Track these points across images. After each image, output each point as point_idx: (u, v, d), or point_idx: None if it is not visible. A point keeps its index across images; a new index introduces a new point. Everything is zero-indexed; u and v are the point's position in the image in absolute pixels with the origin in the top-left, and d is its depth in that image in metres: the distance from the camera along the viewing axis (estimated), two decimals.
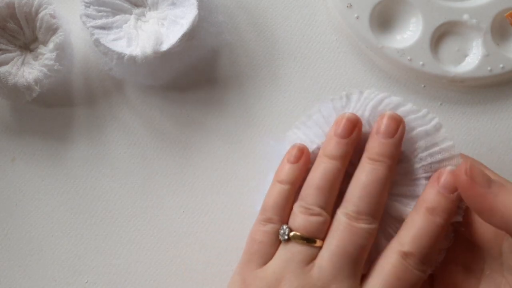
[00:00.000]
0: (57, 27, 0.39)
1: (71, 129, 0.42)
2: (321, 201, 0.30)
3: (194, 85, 0.42)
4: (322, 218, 0.30)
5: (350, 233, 0.29)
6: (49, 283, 0.40)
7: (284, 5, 0.42)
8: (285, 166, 0.32)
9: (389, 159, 0.30)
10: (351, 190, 0.30)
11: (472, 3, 0.40)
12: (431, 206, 0.29)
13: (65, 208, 0.41)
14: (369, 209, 0.29)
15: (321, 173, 0.30)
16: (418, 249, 0.29)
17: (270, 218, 0.31)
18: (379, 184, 0.29)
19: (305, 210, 0.30)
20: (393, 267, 0.28)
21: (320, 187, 0.30)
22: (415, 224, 0.29)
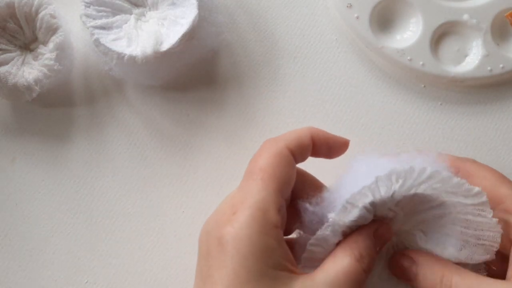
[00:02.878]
0: (57, 27, 0.39)
1: (71, 129, 0.42)
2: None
3: (194, 85, 0.42)
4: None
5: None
6: (49, 283, 0.40)
7: (284, 5, 0.42)
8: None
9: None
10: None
11: (472, 3, 0.40)
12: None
13: (65, 208, 0.41)
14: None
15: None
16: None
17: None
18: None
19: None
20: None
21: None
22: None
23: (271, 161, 0.29)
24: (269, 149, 0.30)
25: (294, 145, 0.30)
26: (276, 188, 0.28)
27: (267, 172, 0.29)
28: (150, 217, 0.40)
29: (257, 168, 0.29)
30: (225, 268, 0.26)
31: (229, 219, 0.27)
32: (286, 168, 0.29)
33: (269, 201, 0.28)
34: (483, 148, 0.40)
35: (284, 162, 0.29)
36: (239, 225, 0.27)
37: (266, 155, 0.29)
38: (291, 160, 0.30)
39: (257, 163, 0.29)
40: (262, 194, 0.28)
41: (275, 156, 0.29)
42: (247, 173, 0.29)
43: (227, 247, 0.27)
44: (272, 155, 0.29)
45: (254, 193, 0.28)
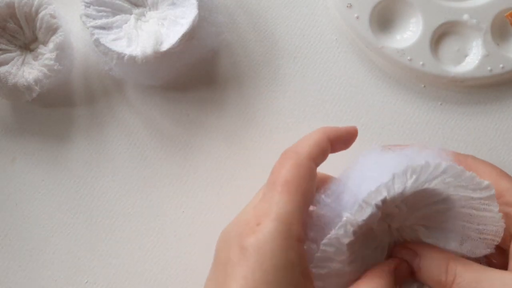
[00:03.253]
0: (57, 27, 0.39)
1: (71, 129, 0.42)
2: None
3: (194, 85, 0.42)
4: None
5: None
6: (49, 283, 0.40)
7: (284, 5, 0.42)
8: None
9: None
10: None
11: (472, 3, 0.40)
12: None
13: (65, 208, 0.41)
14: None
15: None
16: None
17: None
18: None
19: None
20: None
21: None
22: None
23: (295, 173, 0.29)
24: (292, 160, 0.29)
25: (317, 154, 0.30)
26: (301, 201, 0.28)
27: (292, 184, 0.28)
28: (150, 217, 0.40)
29: (282, 179, 0.29)
30: (245, 280, 0.26)
31: (253, 229, 0.27)
32: (310, 180, 0.29)
33: (294, 215, 0.28)
34: (483, 148, 0.40)
35: (308, 174, 0.29)
36: (263, 237, 0.27)
37: (289, 167, 0.29)
38: (314, 172, 0.30)
39: (281, 174, 0.29)
40: (288, 207, 0.28)
41: (299, 168, 0.29)
42: (271, 184, 0.29)
43: (249, 258, 0.26)
44: (296, 167, 0.29)
45: (280, 205, 0.28)
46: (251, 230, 0.27)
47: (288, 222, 0.27)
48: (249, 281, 0.26)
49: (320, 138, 0.31)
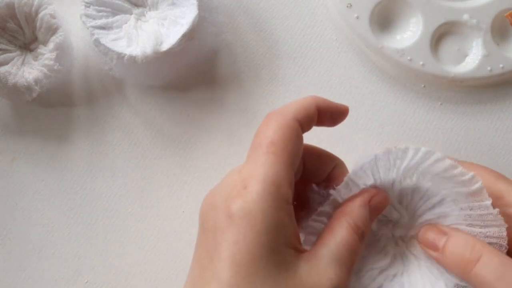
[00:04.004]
0: (57, 27, 0.39)
1: (71, 129, 0.42)
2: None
3: (194, 85, 0.42)
4: None
5: None
6: (49, 283, 0.40)
7: (284, 5, 0.42)
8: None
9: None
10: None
11: (472, 3, 0.40)
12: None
13: (65, 208, 0.41)
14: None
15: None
16: None
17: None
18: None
19: None
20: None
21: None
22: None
23: (281, 134, 0.28)
24: (277, 122, 0.28)
25: (302, 117, 0.29)
26: (288, 163, 0.28)
27: (278, 146, 0.28)
28: (150, 217, 0.40)
29: (267, 141, 0.28)
30: (237, 245, 0.25)
31: (240, 193, 0.26)
32: (296, 141, 0.29)
33: (283, 176, 0.27)
34: (483, 148, 0.40)
35: (295, 136, 0.28)
36: (252, 199, 0.26)
37: (275, 128, 0.28)
38: (300, 133, 0.29)
39: (266, 135, 0.28)
40: (275, 168, 0.27)
41: (285, 128, 0.28)
42: (256, 146, 0.28)
43: (239, 222, 0.25)
44: (281, 127, 0.28)
45: (266, 167, 0.27)
46: (238, 193, 0.26)
47: (276, 183, 0.26)
48: (241, 246, 0.25)
49: (308, 103, 0.30)
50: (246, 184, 0.26)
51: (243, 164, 0.29)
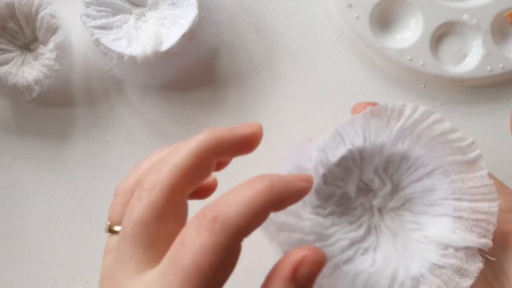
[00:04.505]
0: (57, 27, 0.39)
1: (71, 129, 0.42)
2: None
3: (194, 85, 0.42)
4: None
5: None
6: (49, 283, 0.40)
7: (284, 5, 0.42)
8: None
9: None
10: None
11: (472, 3, 0.40)
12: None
13: (65, 208, 0.41)
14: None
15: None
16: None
17: None
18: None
19: None
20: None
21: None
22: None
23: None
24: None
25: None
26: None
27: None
28: None
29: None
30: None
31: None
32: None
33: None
34: (483, 148, 0.40)
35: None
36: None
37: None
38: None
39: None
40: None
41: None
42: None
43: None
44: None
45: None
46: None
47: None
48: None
49: (259, 203, 0.23)
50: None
51: (152, 277, 0.23)
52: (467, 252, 0.28)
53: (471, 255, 0.28)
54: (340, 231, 0.30)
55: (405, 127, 0.29)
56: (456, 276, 0.28)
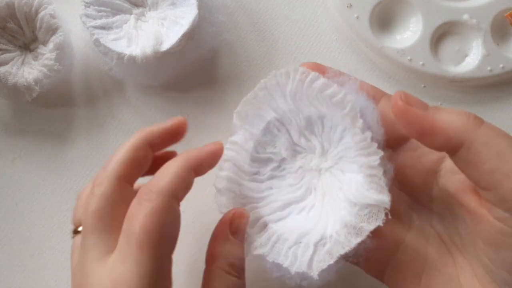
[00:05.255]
0: (57, 27, 0.39)
1: (71, 129, 0.42)
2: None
3: (194, 85, 0.42)
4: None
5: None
6: (49, 283, 0.40)
7: (284, 5, 0.42)
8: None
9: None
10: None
11: (472, 3, 0.40)
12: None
13: (65, 208, 0.41)
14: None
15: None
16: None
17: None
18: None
19: None
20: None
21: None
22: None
23: (155, 220, 0.27)
24: (150, 204, 0.27)
25: (179, 190, 0.29)
26: (165, 253, 0.28)
27: (154, 236, 0.27)
28: None
29: (140, 231, 0.26)
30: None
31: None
32: (174, 225, 0.29)
33: (160, 274, 0.27)
34: None
35: (171, 219, 0.29)
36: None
37: (148, 213, 0.27)
38: (177, 212, 0.29)
39: (138, 223, 0.27)
40: (151, 266, 0.26)
41: (160, 213, 0.27)
42: (127, 236, 0.27)
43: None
44: (156, 212, 0.27)
45: (142, 266, 0.26)
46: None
47: (153, 285, 0.25)
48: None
49: (181, 169, 0.28)
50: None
51: (113, 258, 0.26)
52: (371, 210, 0.29)
53: (375, 213, 0.29)
54: (277, 194, 0.32)
55: (295, 90, 0.30)
56: (351, 235, 0.29)
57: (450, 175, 0.30)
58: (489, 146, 0.25)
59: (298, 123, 0.31)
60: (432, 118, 0.27)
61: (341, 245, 0.29)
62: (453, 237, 0.30)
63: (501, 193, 0.25)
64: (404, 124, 0.27)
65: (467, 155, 0.26)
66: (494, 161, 0.25)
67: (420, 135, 0.27)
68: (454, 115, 0.26)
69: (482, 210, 0.27)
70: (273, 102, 0.31)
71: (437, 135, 0.26)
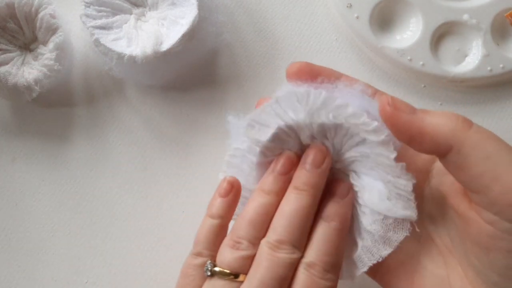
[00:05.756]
0: (57, 27, 0.39)
1: (71, 129, 0.42)
2: (251, 235, 0.29)
3: (194, 85, 0.42)
4: (249, 253, 0.29)
5: (270, 263, 0.28)
6: (49, 283, 0.40)
7: (283, 5, 0.42)
8: (216, 200, 0.32)
9: (313, 188, 0.30)
10: (275, 219, 0.30)
11: (472, 3, 0.40)
12: (326, 214, 0.30)
13: (65, 208, 0.41)
14: (290, 238, 0.28)
15: (255, 207, 0.30)
16: (319, 258, 0.28)
17: (200, 252, 0.31)
18: (302, 212, 0.29)
19: (233, 243, 0.29)
20: (300, 281, 0.28)
21: (251, 221, 0.30)
22: (315, 233, 0.29)
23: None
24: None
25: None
26: None
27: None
28: (150, 217, 0.40)
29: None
30: None
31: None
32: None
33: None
34: None
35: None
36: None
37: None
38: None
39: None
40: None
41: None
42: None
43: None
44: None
45: None
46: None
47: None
48: None
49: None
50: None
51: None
52: (396, 219, 0.29)
53: (399, 223, 0.29)
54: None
55: (314, 110, 0.29)
56: (379, 243, 0.29)
57: (441, 176, 0.30)
58: (478, 149, 0.25)
59: (310, 129, 0.31)
60: (420, 122, 0.27)
61: (371, 254, 0.29)
62: (443, 238, 0.30)
63: (490, 196, 0.25)
64: (393, 129, 0.28)
65: (456, 159, 0.26)
66: (482, 165, 0.25)
67: (409, 140, 0.27)
68: (442, 119, 0.26)
69: (472, 213, 0.27)
70: (286, 116, 0.30)
71: (425, 140, 0.27)
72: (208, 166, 0.40)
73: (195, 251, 0.31)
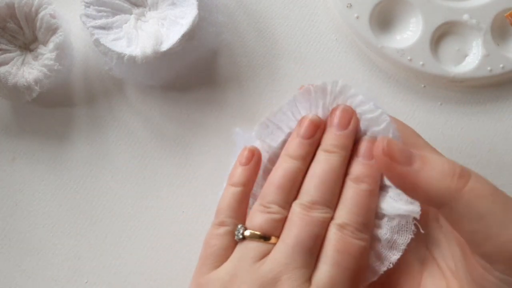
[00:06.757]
0: (57, 27, 0.39)
1: (71, 129, 0.42)
2: (280, 200, 0.30)
3: (194, 85, 0.42)
4: (279, 216, 0.29)
5: (304, 222, 0.29)
6: (49, 283, 0.40)
7: (284, 5, 0.42)
8: (237, 169, 0.32)
9: (342, 150, 0.30)
10: (306, 182, 0.30)
11: (472, 3, 0.40)
12: (355, 176, 0.30)
13: (65, 208, 0.41)
14: (322, 198, 0.29)
15: (282, 172, 0.30)
16: (352, 218, 0.29)
17: (223, 221, 0.31)
18: (333, 173, 0.30)
19: (263, 208, 0.30)
20: (334, 241, 0.28)
21: (279, 185, 0.30)
22: (345, 195, 0.30)
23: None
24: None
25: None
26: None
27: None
28: (150, 217, 0.40)
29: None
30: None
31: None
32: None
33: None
34: (483, 148, 0.40)
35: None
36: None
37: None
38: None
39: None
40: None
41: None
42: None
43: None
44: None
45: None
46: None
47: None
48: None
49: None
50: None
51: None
52: (400, 221, 0.29)
53: (404, 225, 0.29)
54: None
55: (329, 102, 0.31)
56: (385, 248, 0.29)
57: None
58: (471, 209, 0.25)
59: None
60: (414, 177, 0.26)
61: (380, 261, 0.29)
62: (448, 261, 0.30)
63: (482, 250, 0.25)
64: (386, 176, 0.28)
65: (449, 214, 0.26)
66: (475, 224, 0.25)
67: (403, 189, 0.27)
68: (438, 174, 0.26)
69: (469, 251, 0.27)
70: (298, 115, 0.31)
71: (419, 193, 0.26)
72: (208, 166, 0.41)
73: (217, 220, 0.31)
